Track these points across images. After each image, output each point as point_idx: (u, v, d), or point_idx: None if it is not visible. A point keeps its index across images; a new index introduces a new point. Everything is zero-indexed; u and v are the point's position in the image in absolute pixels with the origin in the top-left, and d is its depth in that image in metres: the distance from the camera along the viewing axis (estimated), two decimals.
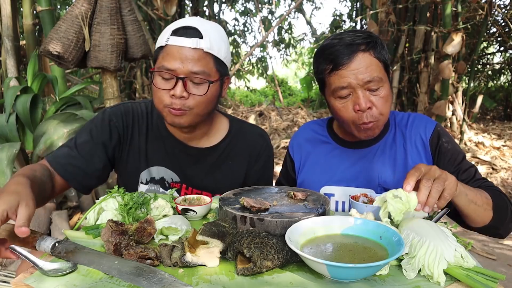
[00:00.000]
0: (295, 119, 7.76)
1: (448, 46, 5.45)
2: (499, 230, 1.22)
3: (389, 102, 1.28)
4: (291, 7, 9.66)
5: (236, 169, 1.47)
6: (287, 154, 1.58)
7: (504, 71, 10.63)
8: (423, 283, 0.80)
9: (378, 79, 1.22)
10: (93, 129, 1.37)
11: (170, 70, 1.22)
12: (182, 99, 1.23)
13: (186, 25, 1.24)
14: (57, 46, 2.57)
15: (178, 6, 6.54)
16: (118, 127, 1.39)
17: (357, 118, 1.25)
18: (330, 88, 1.28)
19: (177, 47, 1.21)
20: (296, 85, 16.93)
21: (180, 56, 1.21)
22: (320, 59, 1.31)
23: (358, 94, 1.23)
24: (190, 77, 1.22)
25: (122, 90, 7.68)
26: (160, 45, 1.26)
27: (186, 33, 1.22)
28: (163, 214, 1.11)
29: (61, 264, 0.83)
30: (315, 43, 11.57)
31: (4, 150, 2.51)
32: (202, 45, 1.22)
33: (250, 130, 1.52)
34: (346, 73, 1.22)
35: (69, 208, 3.28)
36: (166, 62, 1.22)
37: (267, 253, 0.82)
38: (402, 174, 1.35)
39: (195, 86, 1.24)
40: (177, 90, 1.22)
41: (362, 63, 1.21)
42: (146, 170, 1.43)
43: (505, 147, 6.37)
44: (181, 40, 1.21)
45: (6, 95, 2.92)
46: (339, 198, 1.40)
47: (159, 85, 1.25)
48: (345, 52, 1.22)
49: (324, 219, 0.95)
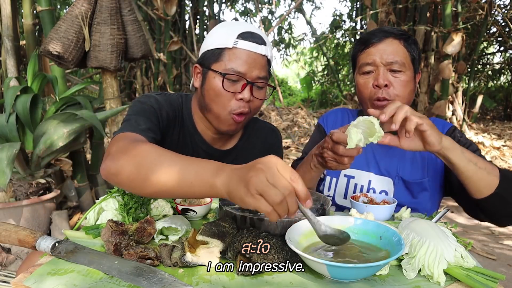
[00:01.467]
0: (295, 119, 7.76)
1: (448, 46, 5.45)
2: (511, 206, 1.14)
3: (409, 89, 1.35)
4: (291, 7, 9.66)
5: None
6: (317, 127, 1.64)
7: (504, 71, 10.64)
8: (423, 283, 0.80)
9: (401, 62, 1.32)
10: (152, 110, 1.27)
11: (240, 73, 1.21)
12: (248, 103, 1.25)
13: (251, 31, 1.25)
14: (57, 46, 2.57)
15: (178, 6, 6.55)
16: (169, 116, 1.33)
17: (373, 93, 1.34)
18: (358, 64, 1.41)
19: (247, 52, 1.22)
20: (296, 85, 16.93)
21: (251, 61, 1.22)
22: (357, 42, 1.45)
23: (379, 71, 1.33)
24: (257, 82, 1.25)
25: (122, 90, 7.69)
26: (225, 46, 1.23)
27: (255, 39, 1.23)
28: (163, 214, 1.11)
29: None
30: (315, 43, 11.58)
31: (4, 150, 2.51)
32: (268, 52, 1.26)
33: (263, 126, 1.56)
34: (373, 51, 1.36)
35: (69, 208, 3.28)
36: (236, 65, 1.21)
37: (267, 253, 0.82)
38: (419, 167, 1.40)
39: (258, 90, 1.27)
40: (245, 93, 1.23)
41: (389, 46, 1.34)
42: None
43: (505, 147, 6.37)
44: (253, 45, 1.22)
45: (6, 95, 2.92)
46: (358, 181, 1.45)
47: (227, 88, 1.22)
48: (378, 35, 1.37)
49: (324, 219, 0.95)
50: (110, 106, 2.92)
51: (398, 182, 1.40)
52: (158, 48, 6.85)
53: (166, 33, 6.66)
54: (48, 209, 2.88)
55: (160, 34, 6.82)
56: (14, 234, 0.93)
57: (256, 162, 0.74)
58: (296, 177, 0.72)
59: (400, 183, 1.40)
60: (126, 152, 0.96)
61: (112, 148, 1.02)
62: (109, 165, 0.98)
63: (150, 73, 7.36)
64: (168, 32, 6.68)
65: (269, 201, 0.70)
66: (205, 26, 7.79)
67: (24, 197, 2.79)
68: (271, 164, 0.72)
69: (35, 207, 2.72)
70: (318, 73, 13.02)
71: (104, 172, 1.00)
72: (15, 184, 2.83)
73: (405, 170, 1.40)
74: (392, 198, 1.23)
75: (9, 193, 2.79)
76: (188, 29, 7.65)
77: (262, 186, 0.70)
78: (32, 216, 2.68)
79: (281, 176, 0.71)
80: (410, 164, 1.41)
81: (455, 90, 6.54)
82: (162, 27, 6.73)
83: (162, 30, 6.73)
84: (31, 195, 2.81)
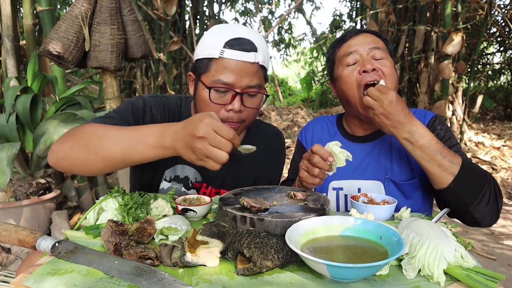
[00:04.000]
0: (295, 119, 7.76)
1: (448, 46, 5.45)
2: (467, 205, 1.18)
3: (395, 75, 1.36)
4: (291, 7, 9.66)
5: (254, 165, 1.49)
6: (298, 143, 1.64)
7: (504, 71, 10.64)
8: (423, 283, 0.80)
9: (382, 48, 1.36)
10: (134, 111, 1.28)
11: (227, 84, 1.18)
12: (239, 113, 1.22)
13: (240, 37, 1.19)
14: (57, 46, 2.57)
15: (178, 6, 6.55)
16: (156, 120, 1.33)
17: (361, 79, 1.33)
18: (339, 58, 1.40)
19: (234, 61, 1.17)
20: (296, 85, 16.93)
21: (239, 70, 1.17)
22: (333, 43, 1.47)
23: (364, 58, 1.34)
24: (247, 91, 1.21)
25: (122, 90, 7.69)
26: (211, 56, 1.19)
27: (243, 46, 1.17)
28: (163, 214, 1.11)
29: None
30: (315, 43, 11.58)
31: (4, 150, 2.51)
32: (259, 58, 1.19)
33: (266, 129, 1.55)
34: (353, 42, 1.38)
35: (69, 208, 3.28)
36: (223, 76, 1.17)
37: (267, 253, 0.82)
38: (407, 166, 1.40)
39: (250, 99, 1.23)
40: (235, 104, 1.19)
41: (368, 37, 1.38)
42: (172, 168, 1.41)
43: (505, 147, 6.37)
44: (239, 54, 1.17)
45: (6, 95, 2.92)
46: (348, 192, 1.43)
47: (215, 100, 1.20)
48: (354, 31, 1.42)
49: (324, 219, 0.95)
50: (110, 106, 2.92)
51: (389, 184, 1.39)
52: (158, 48, 6.85)
53: (166, 33, 6.66)
54: (48, 209, 2.88)
55: (160, 34, 6.83)
56: (14, 234, 0.93)
57: (194, 127, 0.87)
58: (231, 134, 0.88)
59: (391, 185, 1.39)
60: (73, 135, 1.02)
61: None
62: (56, 150, 1.02)
63: (150, 73, 7.36)
64: (168, 32, 6.68)
65: (216, 161, 0.88)
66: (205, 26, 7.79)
67: (24, 197, 2.79)
68: (209, 129, 0.86)
69: (35, 207, 2.72)
70: (318, 73, 13.02)
71: (52, 158, 1.05)
72: (15, 184, 2.83)
73: (394, 172, 1.39)
74: (392, 198, 1.22)
75: (9, 193, 2.79)
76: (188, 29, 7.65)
77: (208, 152, 0.87)
78: (32, 216, 2.68)
79: (220, 137, 0.87)
80: (399, 165, 1.40)
81: (455, 90, 6.54)
82: (162, 27, 6.73)
83: (162, 30, 6.73)
84: (31, 195, 2.81)
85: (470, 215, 1.20)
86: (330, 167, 1.16)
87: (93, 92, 6.74)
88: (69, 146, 1.01)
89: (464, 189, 1.17)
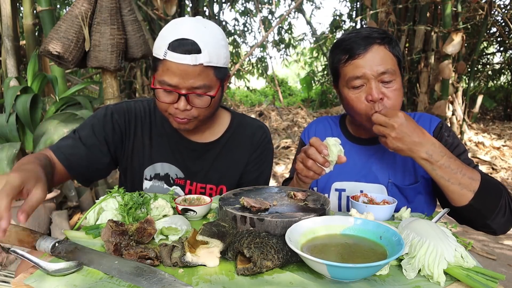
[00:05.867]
0: (295, 119, 7.76)
1: (448, 46, 5.46)
2: (486, 219, 1.17)
3: (401, 96, 1.31)
4: (291, 7, 9.66)
5: (238, 160, 1.50)
6: (300, 142, 1.63)
7: (504, 71, 10.64)
8: (423, 283, 0.80)
9: (391, 71, 1.26)
10: (95, 124, 1.38)
11: (171, 85, 1.22)
12: (186, 111, 1.26)
13: (182, 37, 1.18)
14: (57, 46, 2.57)
15: (178, 6, 6.55)
16: (120, 125, 1.40)
17: (369, 108, 1.28)
18: (345, 78, 1.31)
19: (175, 64, 1.18)
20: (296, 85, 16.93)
21: (180, 72, 1.19)
22: (336, 51, 1.35)
23: (371, 84, 1.26)
24: (192, 92, 1.23)
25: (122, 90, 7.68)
26: (158, 57, 1.22)
27: (184, 48, 1.17)
28: (163, 214, 1.11)
29: (66, 264, 0.83)
30: (315, 43, 11.58)
31: (4, 150, 2.51)
32: (201, 60, 1.19)
33: (250, 123, 1.55)
34: (361, 63, 1.26)
35: (69, 208, 3.28)
36: (167, 77, 1.21)
37: (267, 253, 0.82)
38: (411, 171, 1.38)
39: (198, 98, 1.26)
40: (180, 104, 1.23)
41: (377, 55, 1.26)
42: (151, 166, 1.44)
43: (505, 147, 6.38)
44: (179, 57, 1.17)
45: (6, 95, 2.92)
46: (349, 193, 1.42)
47: (162, 99, 1.26)
48: (362, 43, 1.27)
49: (324, 219, 0.95)
50: None
51: (392, 188, 1.38)
52: None
53: None
54: (48, 209, 2.88)
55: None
56: (14, 234, 0.93)
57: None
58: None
59: (394, 189, 1.38)
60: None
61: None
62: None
63: (150, 73, 7.36)
64: None
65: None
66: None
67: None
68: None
69: None
70: (318, 73, 13.01)
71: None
72: None
73: (397, 176, 1.38)
74: (392, 198, 1.22)
75: None
76: None
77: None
78: (32, 216, 2.67)
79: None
80: (402, 169, 1.39)
81: (455, 90, 6.54)
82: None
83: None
84: None
85: (488, 227, 1.20)
86: (325, 160, 1.15)
87: (93, 92, 6.74)
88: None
89: (484, 204, 1.15)
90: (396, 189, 1.38)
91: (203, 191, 1.48)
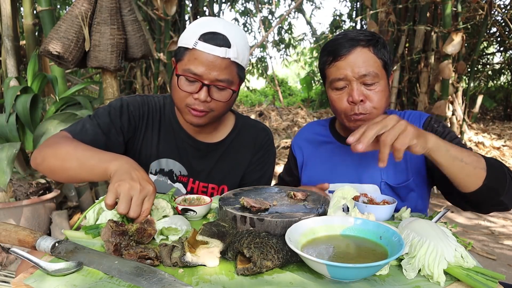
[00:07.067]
0: (295, 119, 7.76)
1: (448, 46, 5.45)
2: (500, 195, 1.12)
3: (385, 98, 1.31)
4: (291, 7, 9.65)
5: (241, 161, 1.52)
6: (290, 151, 1.65)
7: (504, 71, 10.64)
8: (423, 283, 0.80)
9: (373, 74, 1.27)
10: (112, 113, 1.37)
11: (196, 75, 1.23)
12: (205, 103, 1.27)
13: (215, 31, 1.23)
14: (57, 46, 2.57)
15: (178, 6, 6.55)
16: (135, 116, 1.41)
17: (349, 109, 1.30)
18: (329, 79, 1.34)
19: (205, 54, 1.22)
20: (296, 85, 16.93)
21: (208, 63, 1.22)
22: (323, 52, 1.37)
23: (353, 86, 1.28)
24: (215, 84, 1.25)
25: (122, 90, 7.68)
26: (187, 46, 1.25)
27: (216, 41, 1.22)
28: (163, 214, 1.11)
29: (66, 264, 0.83)
30: (315, 43, 11.58)
31: (4, 150, 2.51)
32: (230, 54, 1.23)
33: (254, 125, 1.57)
34: (343, 65, 1.28)
35: (69, 208, 3.28)
36: (193, 66, 1.23)
37: (267, 253, 0.82)
38: (403, 169, 1.39)
39: (218, 92, 1.28)
40: (201, 94, 1.25)
41: (359, 57, 1.27)
42: (157, 161, 1.46)
43: (505, 147, 6.38)
44: (210, 47, 1.21)
45: (6, 95, 2.92)
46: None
47: (183, 87, 1.27)
48: (346, 45, 1.28)
49: (324, 219, 0.95)
50: None
51: (385, 187, 1.38)
52: (158, 48, 6.85)
53: (166, 33, 6.66)
54: (48, 209, 2.89)
55: (160, 34, 6.82)
56: (14, 234, 0.93)
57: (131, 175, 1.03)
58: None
59: (387, 188, 1.38)
60: (50, 145, 1.20)
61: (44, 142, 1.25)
62: (35, 156, 1.22)
63: (150, 73, 7.36)
64: (168, 32, 6.67)
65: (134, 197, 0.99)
66: None
67: (24, 197, 2.79)
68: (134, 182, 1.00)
69: (35, 207, 2.72)
70: (318, 73, 13.02)
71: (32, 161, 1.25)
72: (15, 184, 2.83)
73: (389, 175, 1.38)
74: (392, 198, 1.22)
75: (9, 193, 2.79)
76: None
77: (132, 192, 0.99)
78: (32, 216, 2.68)
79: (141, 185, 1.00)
80: (394, 168, 1.38)
81: (455, 90, 6.54)
82: (162, 27, 6.73)
83: (162, 30, 6.72)
84: (31, 195, 2.81)
85: (500, 204, 1.16)
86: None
87: (93, 92, 6.74)
88: (43, 154, 1.19)
89: (496, 180, 1.11)
90: (389, 188, 1.38)
91: (205, 190, 1.50)
